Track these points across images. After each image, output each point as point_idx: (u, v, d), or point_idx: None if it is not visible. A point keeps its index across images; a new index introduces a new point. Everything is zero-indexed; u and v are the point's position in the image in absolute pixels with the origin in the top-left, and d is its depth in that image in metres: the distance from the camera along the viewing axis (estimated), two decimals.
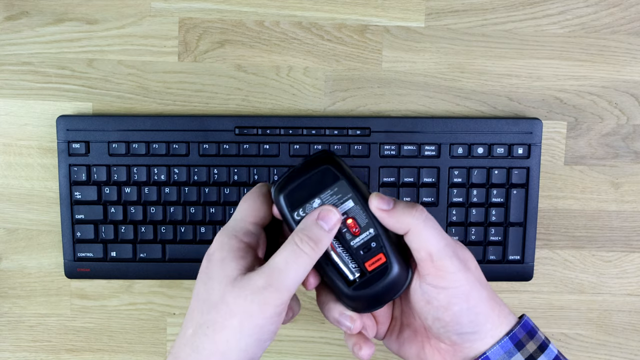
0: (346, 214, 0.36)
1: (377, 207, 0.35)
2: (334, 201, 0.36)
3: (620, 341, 0.61)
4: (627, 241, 0.60)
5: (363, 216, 0.36)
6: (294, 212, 0.36)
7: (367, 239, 0.36)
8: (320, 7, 0.57)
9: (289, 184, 0.36)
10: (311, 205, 0.36)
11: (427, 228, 0.34)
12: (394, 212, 0.35)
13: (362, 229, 0.36)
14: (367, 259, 0.36)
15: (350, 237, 0.36)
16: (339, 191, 0.36)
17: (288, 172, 0.36)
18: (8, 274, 0.59)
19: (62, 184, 0.56)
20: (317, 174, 0.36)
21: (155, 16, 0.57)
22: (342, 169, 0.36)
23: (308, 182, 0.36)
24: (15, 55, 0.57)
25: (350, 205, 0.36)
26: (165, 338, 0.60)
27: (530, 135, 0.56)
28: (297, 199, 0.36)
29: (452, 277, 0.34)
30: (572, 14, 0.58)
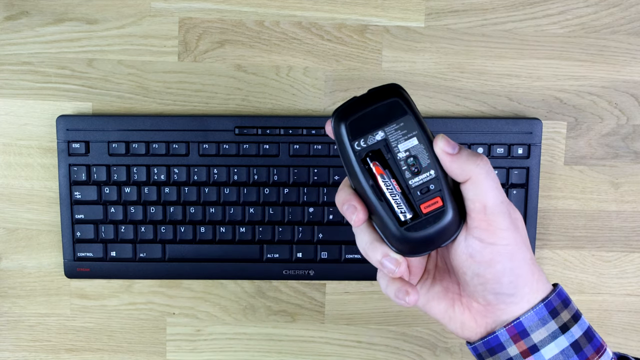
0: (408, 152, 0.34)
1: (442, 150, 0.33)
2: (398, 136, 0.34)
3: (620, 341, 0.61)
4: (627, 241, 0.60)
5: (425, 156, 0.34)
6: (354, 141, 0.34)
7: (426, 180, 0.34)
8: (320, 7, 0.57)
9: (352, 112, 0.34)
10: (374, 137, 0.34)
11: (487, 180, 0.33)
12: (459, 158, 0.33)
13: (423, 169, 0.34)
14: (424, 200, 0.34)
15: (410, 176, 0.34)
16: (404, 126, 0.34)
17: (352, 100, 0.35)
18: (8, 274, 0.59)
19: (62, 183, 0.56)
20: (384, 106, 0.34)
21: (155, 16, 0.57)
22: (410, 104, 0.34)
23: (373, 112, 0.34)
24: (15, 55, 0.57)
25: (414, 143, 0.34)
26: (165, 338, 0.60)
27: (530, 135, 0.56)
28: (359, 128, 0.34)
29: (502, 233, 0.33)
30: (572, 14, 0.57)
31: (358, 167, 0.34)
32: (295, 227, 0.57)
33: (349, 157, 0.34)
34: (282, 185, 0.56)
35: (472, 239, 0.34)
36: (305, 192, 0.56)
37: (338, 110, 0.35)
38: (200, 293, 0.59)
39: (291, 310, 0.60)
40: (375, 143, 0.34)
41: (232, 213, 0.56)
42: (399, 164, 0.34)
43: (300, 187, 0.56)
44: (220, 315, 0.60)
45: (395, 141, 0.34)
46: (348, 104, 0.34)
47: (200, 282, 0.59)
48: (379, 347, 0.60)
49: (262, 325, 0.60)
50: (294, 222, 0.57)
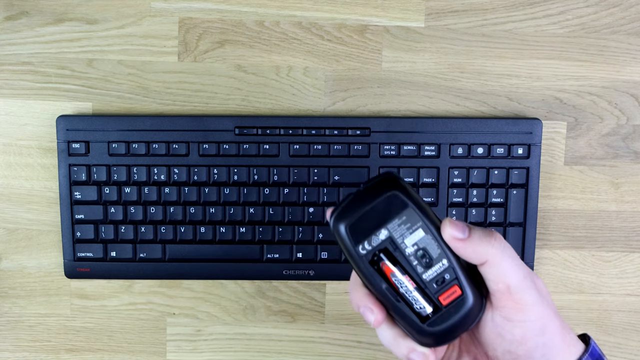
0: (416, 245, 0.33)
1: (451, 236, 0.32)
2: (403, 231, 0.33)
3: (620, 341, 0.61)
4: (627, 241, 0.60)
5: (435, 246, 0.33)
6: (357, 245, 0.33)
7: (440, 270, 0.33)
8: (320, 7, 0.57)
9: (351, 212, 0.32)
10: (377, 237, 0.33)
11: (505, 259, 0.32)
12: (470, 242, 0.32)
13: (435, 260, 0.33)
14: (442, 292, 0.33)
15: (422, 270, 0.33)
16: (407, 220, 0.33)
17: (348, 198, 0.33)
18: (8, 274, 0.59)
19: (62, 184, 0.56)
20: (382, 201, 0.32)
21: (155, 16, 0.57)
22: (409, 194, 0.33)
23: (373, 210, 0.32)
24: (15, 55, 0.57)
25: (420, 235, 0.33)
26: (165, 338, 0.60)
27: (530, 135, 0.56)
28: (361, 229, 0.33)
29: (531, 309, 0.32)
30: (572, 14, 0.58)
31: (367, 270, 0.33)
32: (296, 227, 0.57)
33: (356, 262, 0.33)
34: (282, 185, 0.56)
35: (500, 318, 0.33)
36: (305, 192, 0.56)
37: (335, 212, 0.33)
38: (201, 293, 0.59)
39: (291, 310, 0.60)
40: (380, 243, 0.33)
41: (232, 213, 0.56)
42: (409, 259, 0.33)
43: (300, 187, 0.56)
44: (221, 316, 0.60)
45: (400, 237, 0.33)
46: (344, 204, 0.33)
47: (200, 282, 0.59)
48: (379, 347, 0.60)
49: (262, 326, 0.60)
50: (294, 222, 0.57)
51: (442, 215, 0.57)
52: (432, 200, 0.57)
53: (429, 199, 0.57)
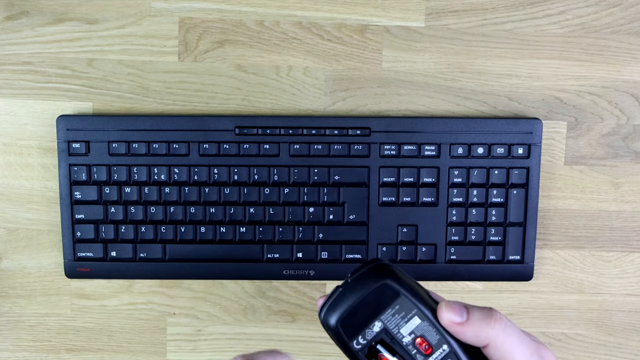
0: (413, 334, 0.31)
1: (449, 321, 0.31)
2: (398, 321, 0.31)
3: (620, 341, 0.61)
4: (627, 241, 0.60)
5: (433, 332, 0.31)
6: (352, 339, 0.31)
7: (442, 357, 0.31)
8: (320, 7, 0.57)
9: (341, 306, 0.31)
10: (371, 330, 0.31)
11: (508, 338, 0.30)
12: (470, 325, 0.31)
13: (435, 346, 0.31)
14: None
15: (423, 358, 0.31)
16: (401, 308, 0.31)
17: (337, 292, 0.32)
18: (8, 274, 0.59)
19: (62, 183, 0.56)
20: (373, 292, 0.31)
21: (155, 16, 0.57)
22: (400, 281, 0.31)
23: (364, 302, 0.31)
24: (15, 55, 0.57)
25: (416, 322, 0.31)
26: (165, 338, 0.60)
27: (530, 135, 0.56)
28: (353, 323, 0.31)
29: None
30: (572, 14, 0.58)
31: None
32: (296, 227, 0.57)
33: (352, 356, 0.32)
34: (282, 185, 0.56)
35: None
36: (306, 192, 0.56)
37: (325, 306, 0.32)
38: (201, 293, 0.59)
39: (291, 310, 0.60)
40: (375, 335, 0.32)
41: (233, 213, 0.56)
42: (407, 348, 0.31)
43: (300, 187, 0.56)
44: (221, 315, 0.59)
45: (396, 327, 0.32)
46: (334, 298, 0.32)
47: (200, 282, 0.59)
48: None
49: (263, 325, 0.60)
50: (294, 222, 0.57)
51: (442, 215, 0.57)
52: (432, 200, 0.57)
53: (429, 199, 0.57)
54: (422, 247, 0.57)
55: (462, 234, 0.57)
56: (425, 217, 0.57)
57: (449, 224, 0.57)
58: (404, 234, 0.57)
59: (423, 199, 0.57)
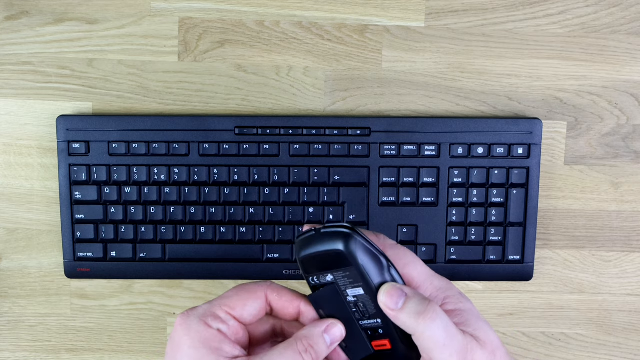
0: (357, 298, 0.35)
1: (384, 305, 0.34)
2: (345, 282, 0.34)
3: (620, 341, 0.61)
4: (627, 241, 0.60)
5: (372, 306, 0.34)
6: (309, 275, 0.35)
7: (374, 325, 0.35)
8: (320, 7, 0.57)
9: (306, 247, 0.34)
10: (324, 277, 0.35)
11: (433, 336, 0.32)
12: (402, 314, 0.33)
13: (371, 315, 0.35)
14: (373, 339, 0.35)
15: (360, 317, 0.35)
16: (350, 276, 0.34)
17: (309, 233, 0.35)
18: (8, 274, 0.59)
19: (62, 184, 0.56)
20: (330, 252, 0.34)
21: (155, 16, 0.57)
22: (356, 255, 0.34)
23: (322, 255, 0.34)
24: (15, 55, 0.57)
25: (360, 292, 0.34)
26: (165, 338, 0.60)
27: (530, 135, 0.56)
28: (312, 264, 0.35)
29: None
30: (572, 14, 0.58)
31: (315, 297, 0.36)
32: (296, 227, 0.57)
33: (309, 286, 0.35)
34: (282, 185, 0.56)
35: None
36: (306, 192, 0.56)
37: (299, 239, 0.35)
38: (201, 293, 0.59)
39: None
40: (327, 282, 0.35)
41: (233, 213, 0.56)
42: (349, 305, 0.35)
43: (300, 187, 0.56)
44: None
45: (343, 285, 0.34)
46: (305, 237, 0.35)
47: (200, 282, 0.59)
48: None
49: None
50: (295, 222, 0.57)
51: (442, 215, 0.57)
52: (432, 200, 0.57)
53: (429, 199, 0.57)
54: (422, 247, 0.57)
55: (462, 234, 0.57)
56: (425, 217, 0.57)
57: (449, 224, 0.57)
58: (404, 234, 0.57)
59: (423, 199, 0.57)
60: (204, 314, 0.34)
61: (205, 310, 0.34)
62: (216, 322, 0.34)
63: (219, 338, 0.33)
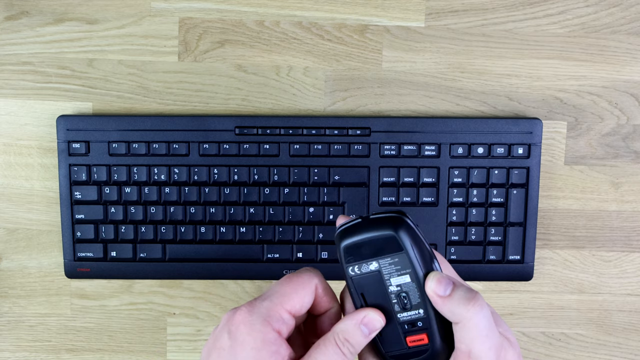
0: (400, 287, 0.34)
1: (433, 291, 0.33)
2: (391, 270, 0.34)
3: (620, 341, 0.61)
4: (627, 241, 0.60)
5: (416, 295, 0.34)
6: (349, 265, 0.34)
7: (414, 317, 0.34)
8: (320, 7, 0.57)
9: (352, 235, 0.34)
10: (367, 266, 0.34)
11: (477, 327, 0.32)
12: (449, 301, 0.33)
13: (413, 307, 0.34)
14: (410, 334, 0.35)
15: (399, 310, 0.34)
16: (398, 262, 0.34)
17: (356, 220, 0.35)
18: (8, 274, 0.59)
19: (62, 183, 0.56)
20: (381, 237, 0.34)
21: (155, 16, 0.57)
22: (407, 240, 0.34)
23: (371, 241, 0.34)
24: (15, 55, 0.57)
25: (406, 280, 0.34)
26: (165, 338, 0.60)
27: (530, 135, 0.56)
28: (356, 253, 0.34)
29: None
30: (572, 14, 0.58)
31: (352, 289, 0.35)
32: (296, 227, 0.57)
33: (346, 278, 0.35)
34: (282, 185, 0.56)
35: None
36: (306, 192, 0.56)
37: (342, 228, 0.35)
38: (201, 293, 0.59)
39: None
40: (369, 272, 0.34)
41: (233, 213, 0.56)
42: (390, 296, 0.34)
43: (300, 187, 0.56)
44: (221, 315, 0.59)
45: (388, 274, 0.34)
46: (351, 224, 0.34)
47: (200, 282, 0.59)
48: None
49: None
50: (295, 222, 0.57)
51: (442, 215, 0.57)
52: (432, 200, 0.57)
53: (429, 199, 0.57)
54: None
55: (462, 234, 0.57)
56: (425, 217, 0.57)
57: (449, 224, 0.57)
58: None
59: (423, 199, 0.57)
60: (268, 314, 0.34)
61: (268, 309, 0.34)
62: (278, 323, 0.34)
63: (279, 340, 0.33)
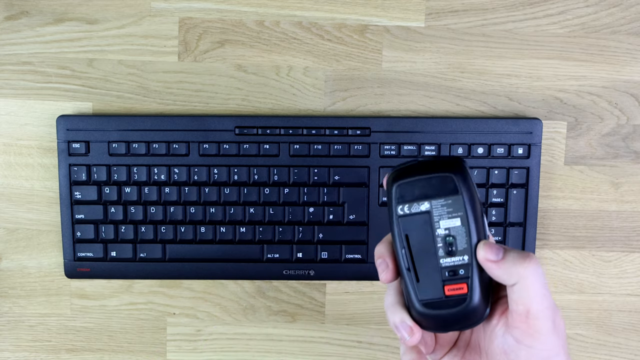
0: (449, 230, 0.34)
1: (485, 259, 0.33)
2: (442, 212, 0.34)
3: (620, 341, 0.61)
4: (627, 241, 0.60)
5: (464, 241, 0.33)
6: (399, 205, 0.34)
7: (458, 263, 0.34)
8: (320, 7, 0.57)
9: (408, 175, 0.34)
10: (418, 206, 0.34)
11: (535, 284, 0.32)
12: (504, 263, 0.32)
13: (458, 252, 0.34)
14: (449, 282, 0.34)
15: (442, 255, 0.34)
16: (452, 204, 0.33)
17: (412, 162, 0.34)
18: (8, 274, 0.59)
19: (62, 183, 0.56)
20: (438, 178, 0.33)
21: (155, 16, 0.57)
22: (466, 183, 0.34)
23: (427, 181, 0.34)
24: (15, 55, 0.57)
25: (456, 224, 0.33)
26: (165, 338, 0.60)
27: (530, 135, 0.56)
28: (408, 193, 0.34)
29: (541, 338, 0.32)
30: (572, 14, 0.58)
31: (397, 230, 0.34)
32: (296, 227, 0.57)
33: (392, 218, 0.34)
34: (282, 185, 0.56)
35: (510, 337, 0.33)
36: (306, 192, 0.56)
37: (397, 168, 0.35)
38: (201, 293, 0.59)
39: (291, 310, 0.60)
40: (419, 212, 0.34)
41: (233, 213, 0.56)
42: (436, 239, 0.34)
43: (300, 187, 0.56)
44: (221, 316, 0.60)
45: (438, 216, 0.34)
46: (407, 165, 0.34)
47: (200, 282, 0.59)
48: (379, 347, 0.60)
49: (262, 326, 0.60)
50: (294, 222, 0.57)
51: None
52: None
53: None
54: None
55: None
56: None
57: None
58: None
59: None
60: None
61: None
62: None
63: None
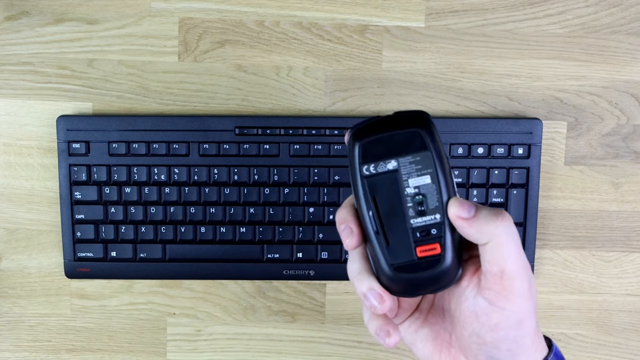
0: (418, 189, 0.31)
1: (456, 216, 0.31)
2: (411, 170, 0.31)
3: (620, 341, 0.61)
4: (627, 241, 0.60)
5: (435, 199, 0.31)
6: (364, 164, 0.32)
7: (429, 223, 0.32)
8: (320, 7, 0.57)
9: (370, 133, 0.32)
10: (385, 165, 0.32)
11: (508, 243, 0.30)
12: (476, 221, 0.31)
13: (429, 211, 0.32)
14: (421, 244, 0.32)
15: (413, 215, 0.32)
16: (420, 161, 0.31)
17: (375, 119, 0.32)
18: (8, 274, 0.59)
19: (62, 184, 0.56)
20: (405, 134, 0.31)
21: (155, 16, 0.57)
22: (433, 138, 0.31)
23: (392, 138, 0.31)
24: (15, 55, 0.57)
25: (426, 181, 0.31)
26: (165, 338, 0.60)
27: (530, 135, 0.56)
28: (373, 152, 0.32)
29: (515, 299, 0.31)
30: (572, 14, 0.58)
31: (362, 192, 0.32)
32: (296, 227, 0.57)
33: (356, 180, 0.32)
34: (282, 185, 0.56)
35: (481, 299, 0.32)
36: (306, 192, 0.56)
37: (356, 127, 0.32)
38: (201, 293, 0.59)
39: (291, 310, 0.60)
40: (386, 172, 0.32)
41: (233, 213, 0.56)
42: (404, 198, 0.32)
43: (300, 187, 0.56)
44: (221, 316, 0.60)
45: (406, 174, 0.32)
46: (368, 122, 0.32)
47: (200, 282, 0.59)
48: (379, 347, 0.60)
49: (263, 326, 0.60)
50: (294, 222, 0.57)
51: None
52: None
53: None
54: None
55: None
56: None
57: None
58: None
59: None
60: None
61: None
62: None
63: None
